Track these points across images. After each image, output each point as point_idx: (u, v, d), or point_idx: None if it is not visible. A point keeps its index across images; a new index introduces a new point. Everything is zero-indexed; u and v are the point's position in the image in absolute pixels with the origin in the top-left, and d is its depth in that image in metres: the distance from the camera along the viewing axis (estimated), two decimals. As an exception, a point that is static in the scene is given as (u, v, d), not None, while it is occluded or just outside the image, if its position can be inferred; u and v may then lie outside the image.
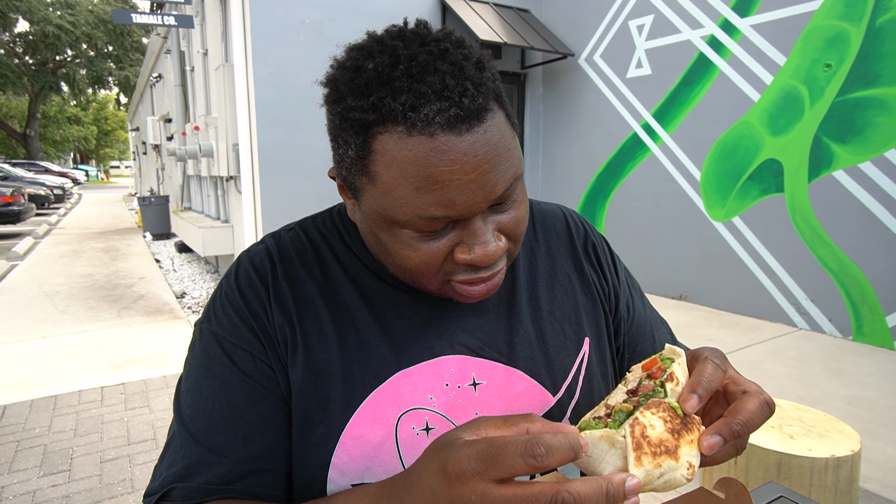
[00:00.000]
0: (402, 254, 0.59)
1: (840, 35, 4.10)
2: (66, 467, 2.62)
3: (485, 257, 0.57)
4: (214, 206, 7.08)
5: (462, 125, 0.53)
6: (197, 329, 0.69)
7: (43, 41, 25.34)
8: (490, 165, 0.54)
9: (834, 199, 4.21)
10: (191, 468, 0.61)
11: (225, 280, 0.70)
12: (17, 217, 11.39)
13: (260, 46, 5.14)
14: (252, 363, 0.64)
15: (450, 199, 0.54)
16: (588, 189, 6.35)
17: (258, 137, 5.27)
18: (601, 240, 0.84)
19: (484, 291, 0.62)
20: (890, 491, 2.27)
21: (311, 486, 0.63)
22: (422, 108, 0.52)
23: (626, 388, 0.55)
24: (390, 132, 0.53)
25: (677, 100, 5.29)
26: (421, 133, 0.52)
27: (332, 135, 0.60)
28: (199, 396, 0.64)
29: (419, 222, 0.56)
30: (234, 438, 0.62)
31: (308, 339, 0.65)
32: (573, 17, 6.32)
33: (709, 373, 0.52)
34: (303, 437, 0.63)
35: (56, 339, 4.45)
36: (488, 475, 0.41)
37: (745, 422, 0.49)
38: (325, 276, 0.69)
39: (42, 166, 26.05)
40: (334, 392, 0.64)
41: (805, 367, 3.65)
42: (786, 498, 0.84)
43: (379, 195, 0.56)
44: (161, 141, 11.41)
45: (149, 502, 0.62)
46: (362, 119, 0.54)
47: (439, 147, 0.52)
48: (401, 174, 0.54)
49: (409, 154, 0.53)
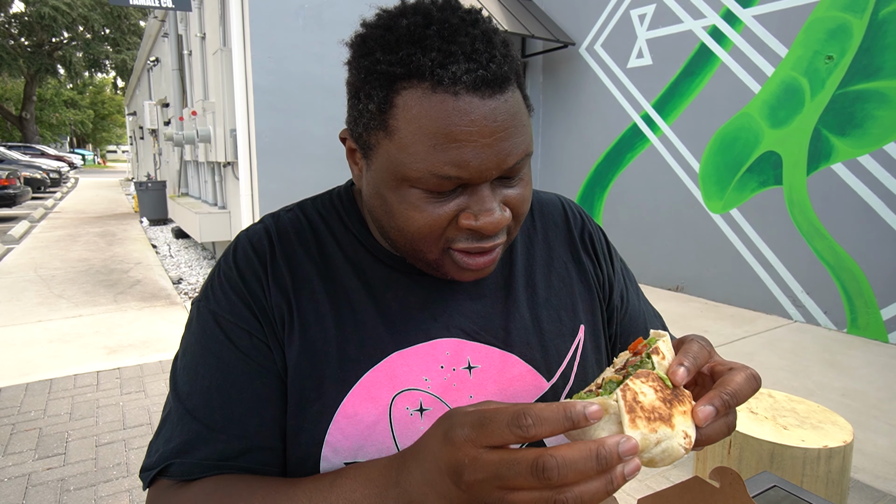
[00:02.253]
0: (407, 215, 0.59)
1: (842, 27, 4.07)
2: (62, 451, 2.62)
3: (489, 225, 0.58)
4: (211, 191, 7.05)
5: (486, 89, 0.54)
6: (194, 307, 0.69)
7: (39, 23, 25.03)
8: (506, 134, 0.56)
9: (832, 193, 4.21)
10: (188, 444, 0.61)
11: (223, 258, 0.70)
12: (13, 200, 11.33)
13: (258, 31, 5.09)
14: (249, 341, 0.64)
15: (464, 159, 0.55)
16: (586, 179, 6.34)
17: (256, 123, 5.23)
18: (598, 229, 0.85)
19: (480, 265, 0.62)
20: (880, 482, 2.30)
21: (304, 463, 0.64)
22: (450, 65, 0.53)
23: (614, 370, 0.55)
24: (415, 88, 0.54)
25: (678, 91, 5.27)
26: (445, 91, 0.54)
27: (354, 90, 0.61)
28: (195, 374, 0.64)
29: (430, 180, 0.56)
30: (232, 415, 0.62)
31: (305, 317, 0.66)
32: (574, 6, 6.27)
33: (695, 349, 0.53)
34: (298, 414, 0.64)
35: (52, 323, 4.45)
36: (479, 442, 0.43)
37: (734, 392, 0.50)
38: (323, 257, 0.69)
39: (38, 150, 25.85)
40: (329, 371, 0.64)
41: (799, 359, 3.67)
42: (779, 487, 0.84)
43: (394, 150, 0.57)
44: (158, 126, 11.33)
45: (146, 477, 0.62)
46: (389, 72, 0.55)
47: (462, 107, 0.54)
48: (419, 129, 0.55)
49: (430, 110, 0.54)
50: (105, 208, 13.53)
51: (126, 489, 2.34)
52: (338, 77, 5.90)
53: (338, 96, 5.51)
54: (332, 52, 5.40)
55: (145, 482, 0.62)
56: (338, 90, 5.19)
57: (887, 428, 2.75)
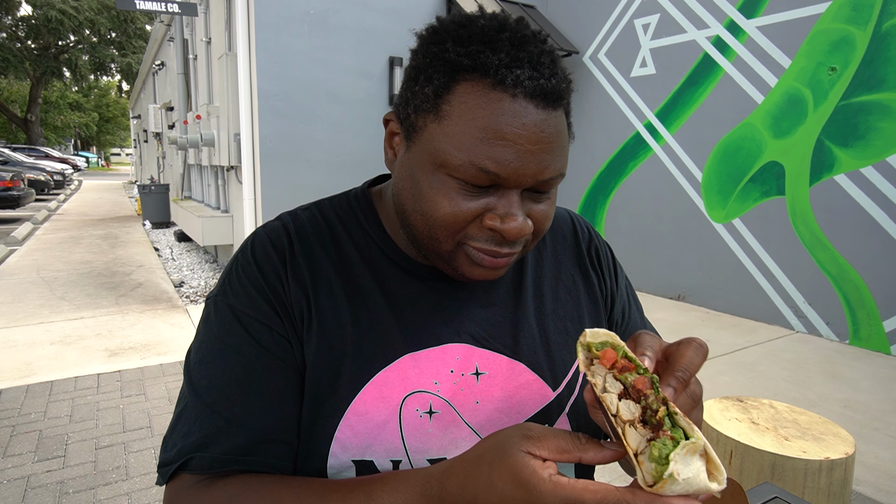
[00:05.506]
0: (436, 200, 0.59)
1: (846, 39, 4.08)
2: (61, 453, 2.62)
3: (513, 230, 0.59)
4: (215, 195, 7.06)
5: (542, 100, 0.57)
6: (210, 302, 0.69)
7: (45, 26, 25.17)
8: (550, 147, 0.58)
9: (835, 203, 4.21)
10: (208, 438, 0.61)
11: (241, 253, 0.70)
12: (17, 202, 11.36)
13: (263, 36, 5.12)
14: (269, 336, 0.64)
15: (506, 158, 0.56)
16: (589, 187, 6.34)
17: (260, 128, 5.25)
18: (604, 244, 0.87)
19: (493, 263, 0.62)
20: (882, 494, 2.28)
21: (311, 457, 0.64)
22: (515, 69, 0.56)
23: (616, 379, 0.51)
24: (477, 81, 0.57)
25: (681, 100, 5.28)
26: (505, 91, 0.56)
27: (414, 72, 0.62)
28: (214, 368, 0.64)
29: (469, 170, 0.57)
30: (253, 409, 0.62)
31: (323, 314, 0.66)
32: (578, 15, 6.30)
33: (645, 340, 0.53)
34: (312, 409, 0.64)
35: (53, 325, 4.45)
36: None
37: (685, 366, 0.50)
38: (340, 257, 0.70)
39: (42, 152, 25.94)
40: (344, 368, 0.65)
41: (801, 370, 3.66)
42: (780, 499, 0.84)
43: (440, 135, 0.58)
44: (162, 129, 11.38)
45: (165, 472, 0.62)
46: (456, 61, 0.57)
47: (516, 109, 0.56)
48: (471, 120, 0.56)
49: (486, 104, 0.56)
50: (108, 211, 13.56)
51: (125, 492, 2.33)
52: (342, 83, 5.92)
53: (342, 102, 5.54)
54: (337, 58, 5.43)
55: (164, 477, 0.62)
56: (342, 96, 5.20)
57: (889, 440, 2.74)
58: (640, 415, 0.47)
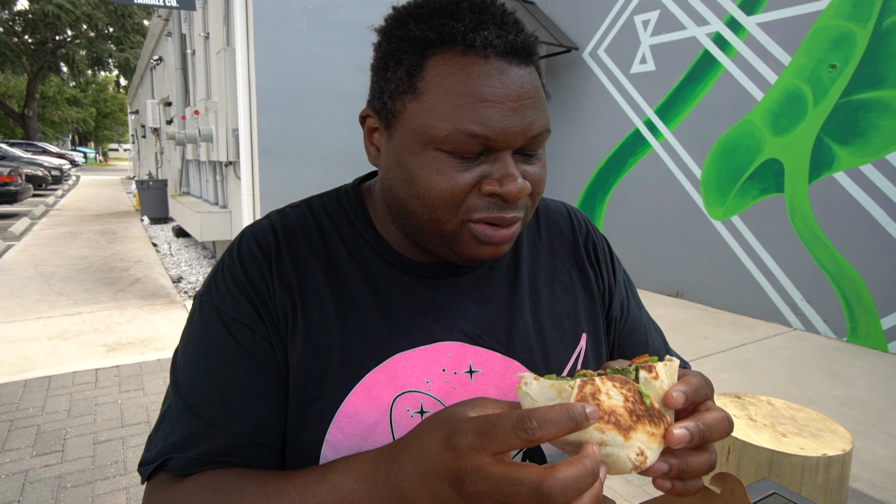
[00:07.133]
0: (430, 178, 0.59)
1: (846, 36, 4.08)
2: (59, 448, 2.62)
3: (513, 189, 0.58)
4: (213, 191, 7.05)
5: (514, 57, 0.57)
6: (197, 301, 0.68)
7: (43, 20, 25.05)
8: (531, 103, 0.58)
9: (833, 201, 4.21)
10: (187, 440, 0.61)
11: (227, 254, 0.69)
12: (14, 197, 11.32)
13: (262, 31, 5.10)
14: (251, 338, 0.64)
15: (491, 119, 0.56)
16: (588, 184, 6.34)
17: (258, 123, 5.23)
18: (602, 239, 0.85)
19: (499, 238, 0.61)
20: (879, 491, 2.29)
21: (303, 462, 0.64)
22: (482, 30, 0.57)
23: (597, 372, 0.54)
24: (447, 52, 0.57)
25: (680, 97, 5.27)
26: (476, 54, 0.56)
27: (382, 61, 0.62)
28: (196, 369, 0.64)
29: (457, 138, 0.56)
30: (232, 412, 0.62)
31: (309, 315, 0.65)
32: (578, 11, 6.29)
33: (696, 383, 0.51)
34: (299, 412, 0.64)
35: (51, 320, 4.44)
36: (484, 450, 0.43)
37: (709, 425, 0.48)
38: (328, 255, 0.69)
39: (40, 147, 25.86)
40: (332, 370, 0.64)
41: (799, 367, 3.67)
42: (779, 495, 0.84)
43: (421, 111, 0.58)
44: (160, 124, 11.33)
45: (144, 471, 0.62)
46: (422, 37, 0.58)
47: (491, 69, 0.56)
48: (449, 89, 0.56)
49: (461, 71, 0.56)
50: (106, 206, 13.53)
51: (123, 487, 2.33)
52: (341, 78, 5.90)
53: (340, 98, 5.52)
54: (336, 54, 5.41)
55: (143, 476, 0.62)
56: (340, 91, 5.19)
57: (886, 437, 2.75)
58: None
